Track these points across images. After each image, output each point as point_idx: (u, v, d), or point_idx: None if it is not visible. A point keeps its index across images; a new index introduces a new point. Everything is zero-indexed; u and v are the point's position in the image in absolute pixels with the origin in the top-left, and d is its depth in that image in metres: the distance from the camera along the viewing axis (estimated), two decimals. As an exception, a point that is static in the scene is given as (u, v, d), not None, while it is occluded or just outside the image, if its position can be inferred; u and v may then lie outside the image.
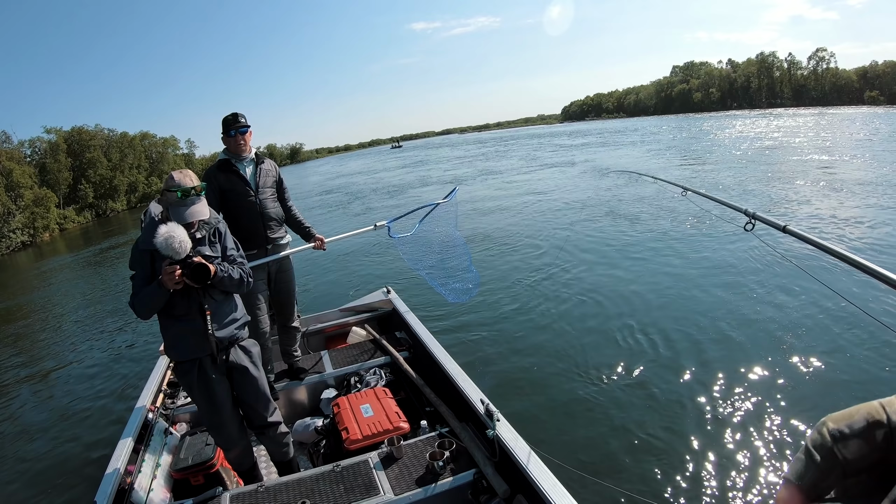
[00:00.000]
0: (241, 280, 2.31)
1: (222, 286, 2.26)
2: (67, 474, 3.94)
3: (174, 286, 2.07)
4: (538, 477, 1.90)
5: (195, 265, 2.07)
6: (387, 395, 2.92)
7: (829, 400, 3.38)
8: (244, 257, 2.45)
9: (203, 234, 2.28)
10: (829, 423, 0.35)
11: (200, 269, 2.08)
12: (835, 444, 0.34)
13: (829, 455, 0.34)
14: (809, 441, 0.35)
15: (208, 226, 2.32)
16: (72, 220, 41.83)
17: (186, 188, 2.14)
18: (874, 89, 79.35)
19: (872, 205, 9.14)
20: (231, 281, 2.26)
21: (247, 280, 2.35)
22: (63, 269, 17.86)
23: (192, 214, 2.15)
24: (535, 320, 5.35)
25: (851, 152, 17.58)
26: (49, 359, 7.40)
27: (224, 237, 2.36)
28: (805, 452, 0.34)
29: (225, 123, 3.01)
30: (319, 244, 3.37)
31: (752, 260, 6.34)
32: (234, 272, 2.28)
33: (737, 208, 2.15)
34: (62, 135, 47.83)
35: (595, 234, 8.85)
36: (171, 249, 2.04)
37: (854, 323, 4.36)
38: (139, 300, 2.16)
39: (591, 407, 3.68)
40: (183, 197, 2.13)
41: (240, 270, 2.32)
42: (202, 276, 2.09)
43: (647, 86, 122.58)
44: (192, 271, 2.07)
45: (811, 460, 0.34)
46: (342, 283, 7.95)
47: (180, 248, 2.05)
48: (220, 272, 2.19)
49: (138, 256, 2.19)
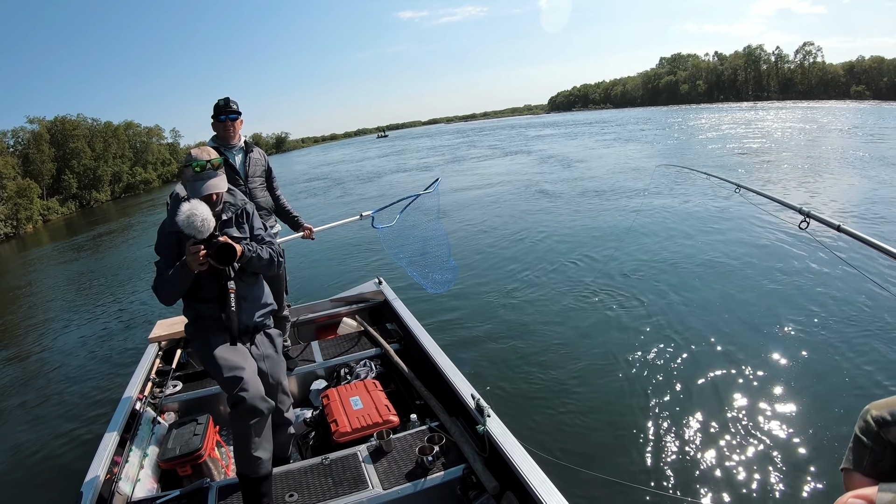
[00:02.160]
0: (270, 260, 2.23)
1: (251, 267, 2.20)
2: (53, 464, 3.88)
3: (199, 267, 2.00)
4: (528, 473, 1.89)
5: (220, 245, 1.99)
6: (377, 388, 2.90)
7: (881, 392, 3.31)
8: (273, 237, 2.40)
9: (230, 216, 2.24)
10: (873, 410, 0.36)
11: (226, 249, 2.00)
12: (880, 430, 0.35)
13: (878, 438, 0.35)
14: (857, 429, 0.36)
15: (235, 207, 2.27)
16: (55, 212, 40.98)
17: (202, 162, 2.10)
18: (860, 84, 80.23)
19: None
20: (260, 261, 2.19)
21: (277, 259, 2.26)
22: (47, 259, 17.58)
23: (209, 187, 2.09)
24: (533, 316, 5.32)
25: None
26: (35, 348, 7.29)
27: (252, 217, 2.32)
28: (855, 440, 0.36)
29: (216, 108, 2.95)
30: (308, 233, 3.35)
31: (804, 258, 6.10)
32: (264, 252, 2.21)
33: (791, 206, 2.13)
34: (45, 124, 46.80)
35: (634, 231, 8.37)
36: (194, 228, 1.98)
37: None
38: (163, 283, 2.10)
39: (584, 403, 3.67)
40: (199, 171, 2.10)
41: (269, 250, 2.25)
42: (228, 257, 2.01)
43: (635, 77, 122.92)
44: (217, 251, 1.99)
45: (862, 446, 0.35)
46: (333, 274, 7.90)
47: (203, 226, 1.98)
48: (247, 252, 2.12)
49: (164, 239, 2.14)
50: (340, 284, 6.54)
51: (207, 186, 2.09)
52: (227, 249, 2.01)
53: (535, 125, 62.54)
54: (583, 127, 45.17)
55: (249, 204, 2.33)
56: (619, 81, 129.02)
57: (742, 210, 8.33)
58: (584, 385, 3.88)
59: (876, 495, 0.26)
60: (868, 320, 4.45)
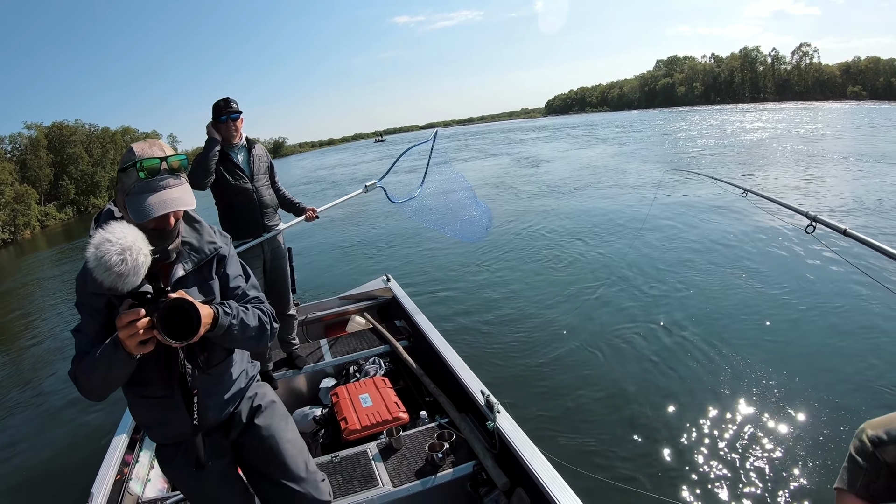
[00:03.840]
0: (260, 329, 1.45)
1: (228, 341, 1.39)
2: (63, 464, 3.93)
3: (139, 349, 1.19)
4: (538, 470, 1.88)
5: (170, 305, 1.19)
6: (386, 385, 2.90)
7: (879, 407, 3.21)
8: (259, 289, 1.57)
9: (188, 268, 1.39)
10: (868, 429, 0.34)
11: (180, 313, 1.19)
12: (875, 449, 0.33)
13: (873, 458, 0.33)
14: (852, 448, 0.34)
15: (197, 254, 1.42)
16: (53, 217, 41.59)
17: (153, 161, 1.26)
18: (857, 84, 79.94)
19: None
20: (244, 332, 1.39)
21: (268, 326, 1.48)
22: (47, 264, 17.73)
23: (164, 204, 1.25)
24: (544, 311, 5.28)
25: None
26: (41, 350, 7.37)
27: (227, 264, 1.50)
28: (849, 460, 0.34)
29: (216, 109, 2.92)
30: (312, 214, 3.33)
31: (813, 264, 6.01)
32: (250, 316, 1.42)
33: (798, 211, 2.12)
34: (43, 130, 47.25)
35: (640, 233, 8.35)
36: (110, 273, 1.15)
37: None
38: (84, 368, 1.28)
39: (596, 399, 3.64)
40: (147, 176, 1.26)
41: (258, 312, 1.45)
42: (185, 328, 1.20)
43: (631, 80, 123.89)
44: (166, 315, 1.18)
45: (857, 466, 0.33)
46: (341, 271, 7.92)
47: (126, 267, 1.15)
48: (222, 318, 1.32)
49: (84, 298, 1.32)
50: (348, 282, 6.55)
51: (161, 202, 1.25)
52: (185, 314, 1.20)
53: (526, 129, 63.15)
54: (582, 130, 45.85)
55: (224, 247, 1.51)
56: (615, 84, 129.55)
57: (749, 214, 8.35)
58: (596, 381, 3.85)
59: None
60: (874, 324, 4.37)
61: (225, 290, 1.48)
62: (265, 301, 1.54)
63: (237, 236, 3.06)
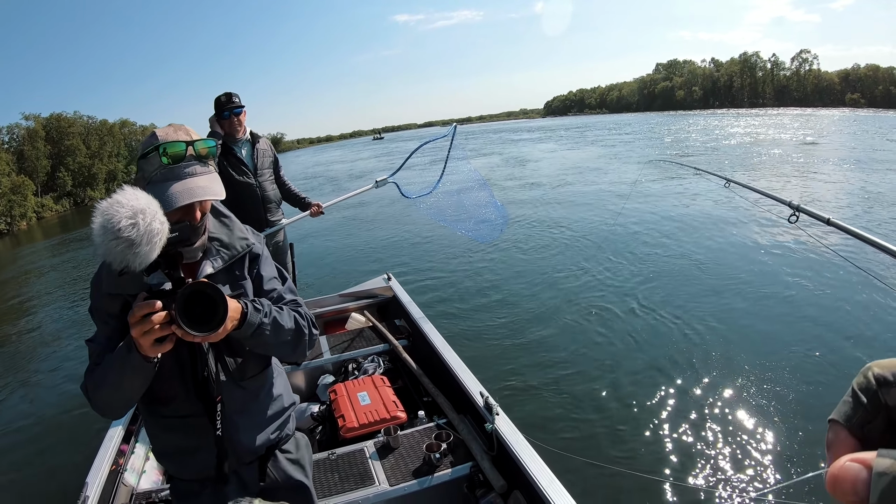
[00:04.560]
0: (297, 333, 1.27)
1: (260, 345, 1.22)
2: (58, 455, 3.93)
3: (155, 349, 1.02)
4: (536, 473, 1.87)
5: (193, 289, 1.02)
6: (384, 384, 2.89)
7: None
8: (296, 292, 1.41)
9: (218, 265, 1.24)
10: (875, 367, 0.34)
11: (203, 300, 1.03)
12: (879, 389, 0.33)
13: (875, 398, 0.33)
14: (855, 384, 0.34)
15: (228, 250, 1.27)
16: (50, 209, 41.59)
17: (178, 146, 1.13)
18: (855, 92, 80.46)
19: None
20: (278, 333, 1.21)
21: (308, 332, 1.31)
22: (43, 255, 17.70)
23: (189, 193, 1.11)
24: (544, 313, 5.29)
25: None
26: (36, 342, 7.35)
27: (260, 264, 1.34)
28: (851, 395, 0.34)
29: (218, 104, 2.91)
30: (317, 210, 3.32)
31: (795, 252, 6.24)
32: (285, 316, 1.24)
33: (781, 200, 2.12)
34: (41, 121, 47.35)
35: (624, 223, 8.66)
36: (118, 241, 0.95)
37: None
38: (94, 380, 1.13)
39: (595, 402, 3.66)
40: (171, 163, 1.13)
41: (294, 315, 1.28)
42: (209, 316, 1.03)
43: (630, 82, 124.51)
44: (188, 301, 1.02)
45: (858, 402, 0.33)
46: (342, 269, 7.92)
47: (138, 232, 0.95)
48: (252, 314, 1.15)
49: (98, 302, 1.19)
50: (349, 279, 6.55)
51: (187, 190, 1.11)
52: (209, 301, 1.03)
53: (521, 129, 64.26)
54: (575, 131, 46.96)
55: (258, 245, 1.36)
56: (614, 87, 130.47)
57: (732, 205, 8.45)
58: (595, 384, 3.85)
59: (874, 460, 0.26)
60: (857, 310, 4.52)
61: (258, 293, 1.31)
62: (303, 305, 1.36)
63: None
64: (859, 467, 0.27)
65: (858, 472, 0.27)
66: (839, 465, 0.28)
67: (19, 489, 3.66)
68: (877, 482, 0.26)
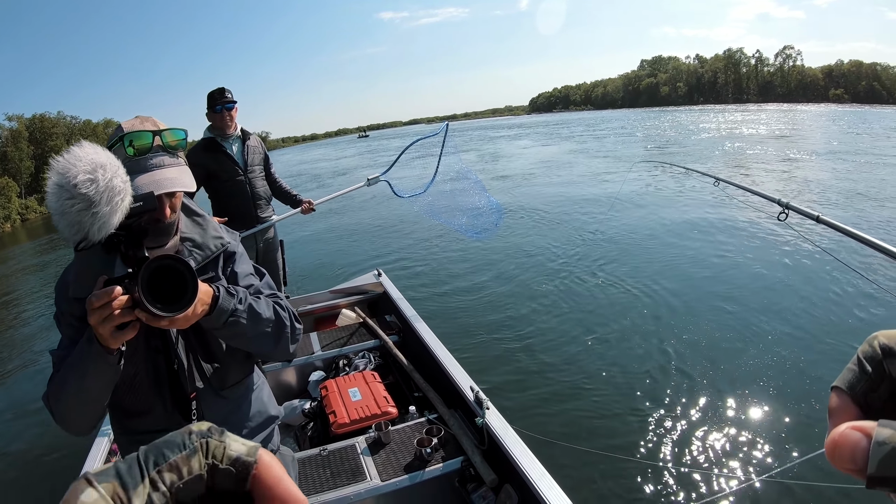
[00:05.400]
0: (277, 324, 1.19)
1: (236, 336, 1.13)
2: (50, 453, 3.87)
3: (117, 337, 0.92)
4: (526, 466, 1.89)
5: (158, 265, 0.92)
6: (375, 380, 2.90)
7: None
8: (275, 287, 1.33)
9: (192, 262, 1.00)
10: (881, 337, 0.34)
11: (170, 274, 0.92)
12: (884, 359, 0.33)
13: (879, 367, 0.33)
14: (860, 352, 0.35)
15: (201, 250, 1.21)
16: (34, 210, 40.92)
17: (144, 136, 1.08)
18: (839, 87, 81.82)
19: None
20: (256, 323, 1.13)
21: (290, 324, 1.23)
22: (28, 257, 17.43)
23: (156, 184, 1.04)
24: (533, 308, 5.31)
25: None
26: (23, 336, 7.28)
27: (235, 261, 1.28)
28: (856, 363, 0.34)
29: (210, 98, 2.91)
30: (308, 207, 3.32)
31: (785, 250, 6.27)
32: (262, 305, 1.17)
33: (770, 198, 2.14)
34: (24, 122, 46.86)
35: (614, 223, 8.61)
36: (74, 201, 0.85)
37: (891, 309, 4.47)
38: (56, 385, 1.03)
39: (585, 395, 3.68)
40: (136, 154, 1.07)
41: (272, 304, 1.21)
42: (178, 294, 0.93)
43: (615, 79, 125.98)
44: (153, 276, 0.91)
45: (862, 370, 0.34)
46: (332, 265, 7.88)
47: (97, 188, 0.85)
48: (224, 299, 1.07)
49: (64, 305, 1.12)
50: (339, 276, 6.54)
51: (154, 182, 1.05)
52: (174, 273, 0.93)
53: (502, 126, 65.18)
54: (554, 127, 48.13)
55: (233, 243, 1.30)
56: (599, 83, 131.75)
57: (722, 204, 8.53)
58: (585, 377, 3.88)
59: (874, 429, 0.26)
60: (847, 306, 4.60)
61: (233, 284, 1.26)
62: (284, 300, 1.27)
63: (229, 227, 3.04)
64: (859, 435, 0.27)
65: (858, 441, 0.27)
66: (839, 432, 0.28)
67: (9, 489, 3.60)
68: (876, 451, 0.26)
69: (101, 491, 0.23)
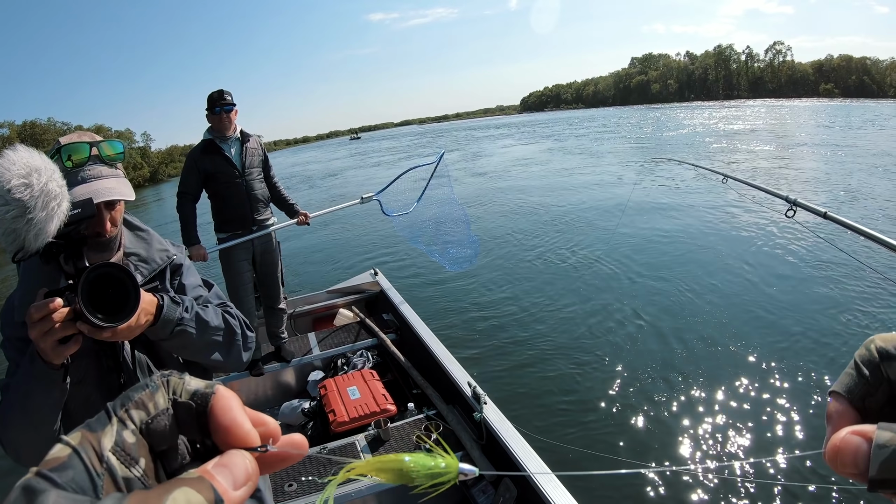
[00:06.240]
0: (228, 332, 1.18)
1: (185, 346, 1.09)
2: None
3: (59, 351, 0.88)
4: (524, 460, 1.92)
5: (98, 273, 0.87)
6: (374, 378, 2.92)
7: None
8: (223, 297, 1.31)
9: (138, 277, 0.95)
10: (878, 340, 0.35)
11: (110, 282, 0.89)
12: (882, 362, 0.34)
13: (877, 370, 0.34)
14: (857, 356, 0.36)
15: (147, 264, 1.17)
16: None
17: (79, 147, 1.06)
18: (829, 82, 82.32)
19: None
20: (204, 330, 1.11)
21: (241, 332, 1.22)
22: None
23: (95, 194, 1.01)
24: (529, 304, 5.35)
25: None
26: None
27: (183, 273, 1.25)
28: (854, 367, 0.35)
29: (210, 100, 2.93)
30: (303, 219, 3.34)
31: (793, 246, 6.30)
32: (210, 313, 1.14)
33: (778, 195, 2.17)
34: (15, 129, 47.28)
35: (621, 218, 8.53)
36: (7, 207, 0.79)
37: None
38: (2, 409, 0.98)
39: (580, 389, 3.72)
40: (73, 167, 1.04)
41: (223, 313, 1.19)
42: (120, 303, 0.89)
43: (606, 77, 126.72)
44: (93, 286, 0.87)
45: (860, 374, 0.34)
46: (329, 265, 7.89)
47: (31, 193, 0.80)
48: (168, 308, 1.02)
49: (9, 330, 1.07)
50: (336, 276, 6.54)
51: (91, 192, 1.01)
52: (118, 283, 0.89)
53: (489, 126, 65.46)
54: (540, 126, 48.90)
55: (179, 255, 1.26)
56: (590, 81, 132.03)
57: (730, 200, 8.54)
58: (580, 371, 3.92)
59: (874, 433, 0.27)
60: (854, 302, 4.61)
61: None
62: (234, 308, 1.26)
63: (227, 229, 3.06)
64: (860, 440, 0.27)
65: (859, 445, 0.27)
66: (840, 438, 0.28)
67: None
68: (877, 455, 0.26)
69: (68, 440, 0.25)
